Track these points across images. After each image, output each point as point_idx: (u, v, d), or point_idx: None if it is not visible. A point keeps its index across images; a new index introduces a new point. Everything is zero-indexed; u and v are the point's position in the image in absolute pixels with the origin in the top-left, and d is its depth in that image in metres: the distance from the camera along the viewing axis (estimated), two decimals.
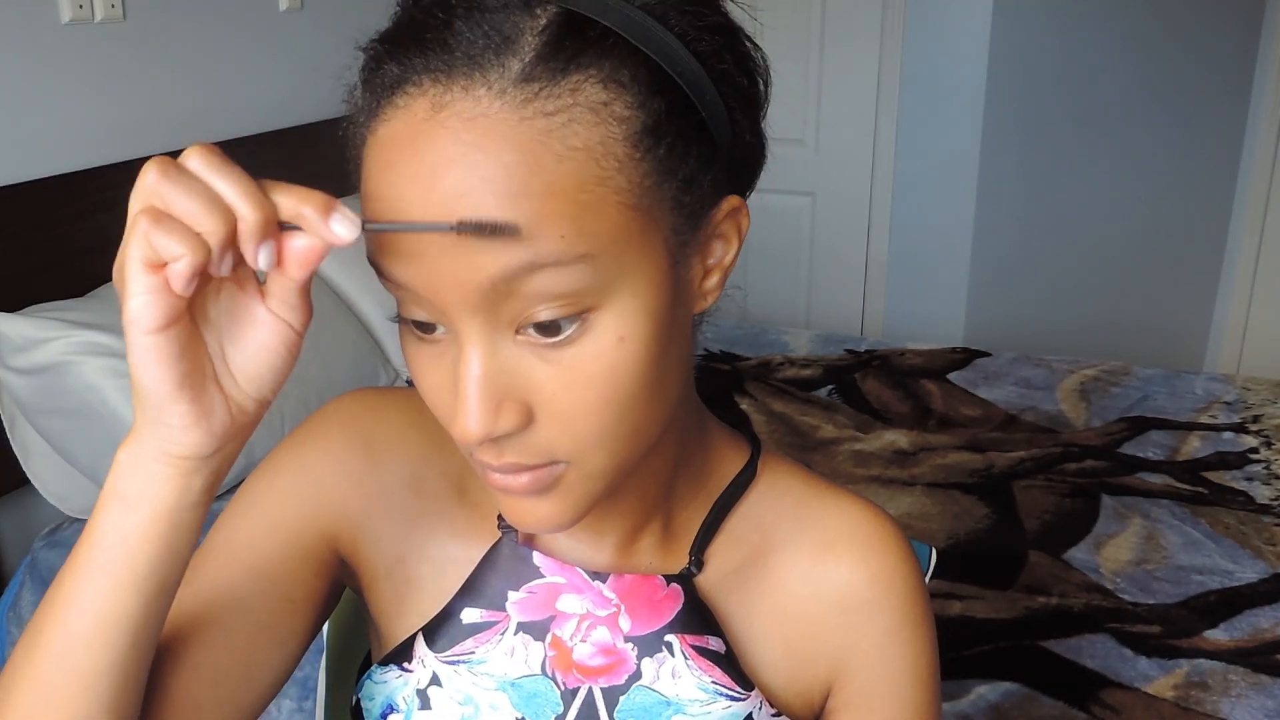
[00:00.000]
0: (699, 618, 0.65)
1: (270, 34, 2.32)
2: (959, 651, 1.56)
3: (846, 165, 3.29)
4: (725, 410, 1.84)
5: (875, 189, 3.29)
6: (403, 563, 0.68)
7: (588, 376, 0.50)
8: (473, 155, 0.47)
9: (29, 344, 1.66)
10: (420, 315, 0.51)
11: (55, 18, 1.86)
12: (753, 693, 0.65)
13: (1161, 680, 1.49)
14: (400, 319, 0.53)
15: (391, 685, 0.67)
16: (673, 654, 0.64)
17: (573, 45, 0.48)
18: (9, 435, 1.77)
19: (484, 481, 0.55)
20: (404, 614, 0.68)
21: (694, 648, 0.65)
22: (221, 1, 2.18)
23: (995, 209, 3.17)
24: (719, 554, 0.67)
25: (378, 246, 0.51)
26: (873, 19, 3.13)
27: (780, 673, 0.67)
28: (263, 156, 2.26)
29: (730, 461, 0.69)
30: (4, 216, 1.75)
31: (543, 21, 0.48)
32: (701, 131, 0.52)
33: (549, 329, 0.49)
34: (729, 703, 0.64)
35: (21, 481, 1.81)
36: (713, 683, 0.64)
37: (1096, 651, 1.55)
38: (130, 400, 1.65)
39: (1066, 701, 1.45)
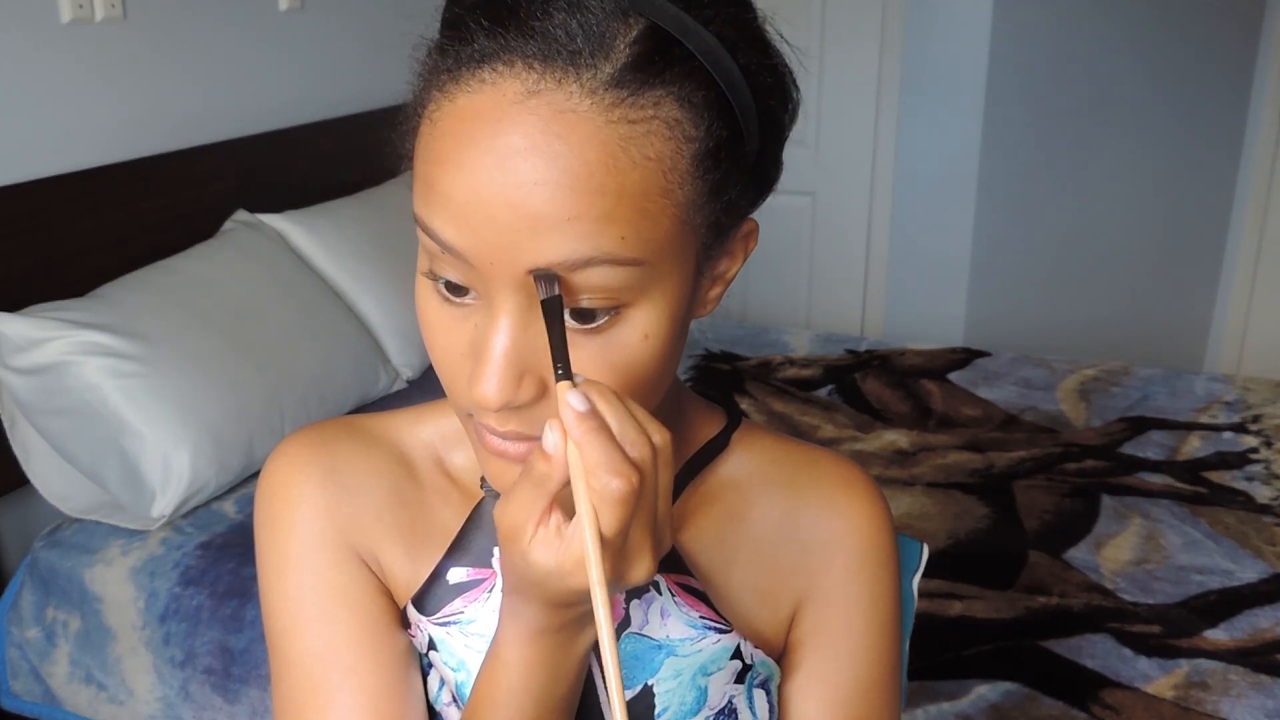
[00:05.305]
0: (680, 563, 0.68)
1: (270, 34, 2.32)
2: (959, 651, 1.56)
3: (846, 165, 3.29)
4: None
5: (875, 189, 3.29)
6: (410, 565, 0.70)
7: (608, 364, 0.52)
8: (557, 146, 0.48)
9: (29, 344, 1.65)
10: (454, 278, 0.52)
11: (55, 18, 1.86)
12: (734, 631, 0.68)
13: (1161, 680, 1.49)
14: (430, 275, 0.54)
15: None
16: (660, 592, 0.67)
17: (661, 60, 0.50)
18: (9, 435, 1.77)
19: (475, 440, 0.57)
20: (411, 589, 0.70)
21: (679, 585, 0.67)
22: (222, 1, 2.18)
23: (995, 208, 3.17)
24: (697, 513, 0.69)
25: (429, 206, 0.51)
26: (873, 19, 3.13)
27: (757, 617, 0.69)
28: (263, 156, 2.26)
29: (705, 430, 0.71)
30: (4, 216, 1.75)
31: (635, 32, 0.50)
32: (746, 161, 0.55)
33: (585, 316, 0.51)
34: (718, 636, 0.67)
35: (21, 481, 1.80)
36: (700, 618, 0.67)
37: (1096, 651, 1.55)
38: (130, 400, 1.66)
39: (1066, 701, 1.45)
